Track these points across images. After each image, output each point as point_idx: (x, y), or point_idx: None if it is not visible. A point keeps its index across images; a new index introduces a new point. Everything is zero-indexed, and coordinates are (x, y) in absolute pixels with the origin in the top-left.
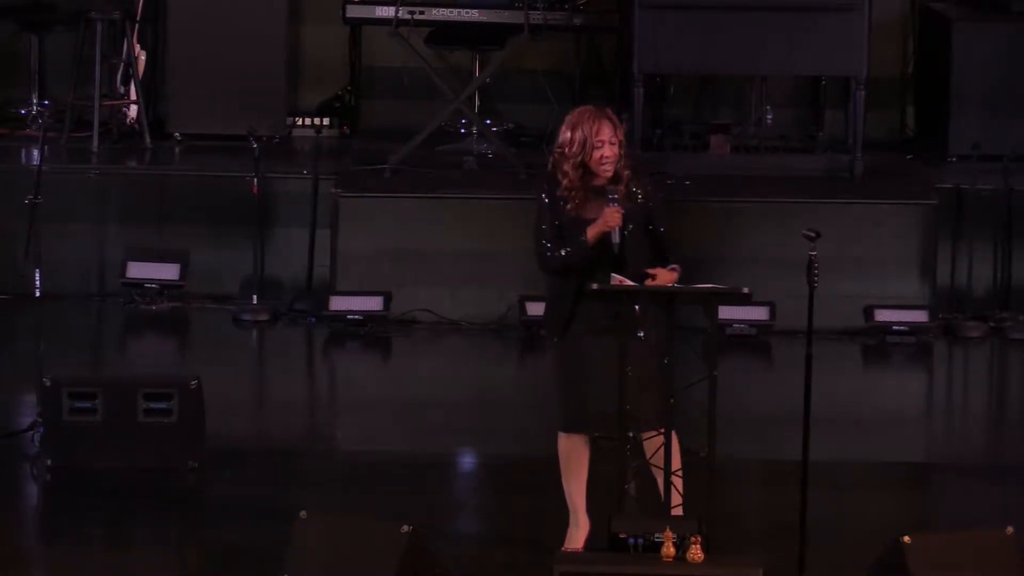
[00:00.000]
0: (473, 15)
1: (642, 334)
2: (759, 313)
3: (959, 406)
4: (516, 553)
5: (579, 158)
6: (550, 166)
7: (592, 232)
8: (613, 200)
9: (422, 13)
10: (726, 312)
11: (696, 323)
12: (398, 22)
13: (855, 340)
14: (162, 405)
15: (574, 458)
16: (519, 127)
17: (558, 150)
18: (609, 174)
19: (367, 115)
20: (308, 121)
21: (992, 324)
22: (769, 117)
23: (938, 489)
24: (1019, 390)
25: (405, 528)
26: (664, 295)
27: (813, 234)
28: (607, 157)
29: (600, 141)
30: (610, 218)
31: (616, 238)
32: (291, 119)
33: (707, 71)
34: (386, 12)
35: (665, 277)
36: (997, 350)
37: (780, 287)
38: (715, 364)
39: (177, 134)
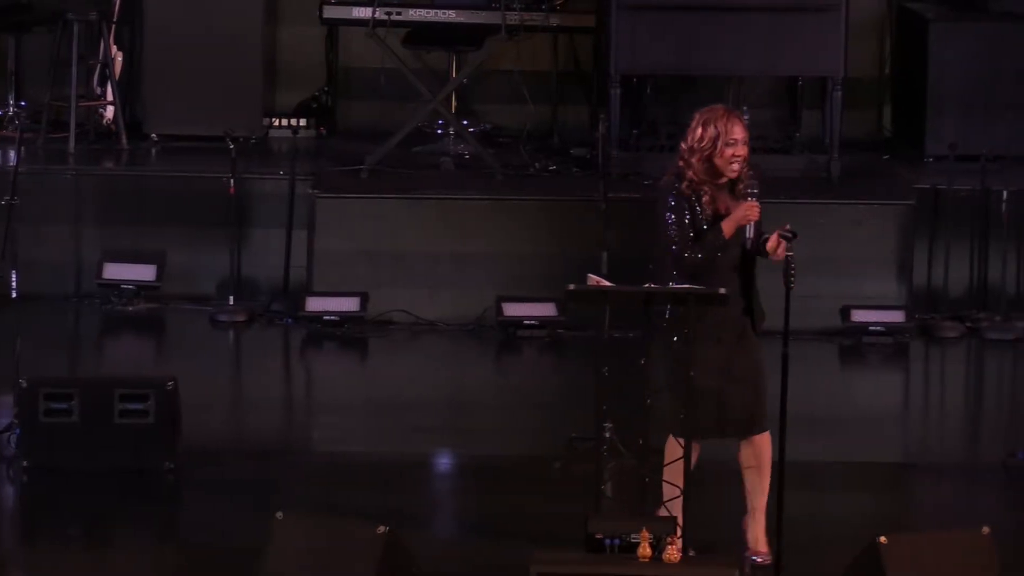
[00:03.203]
0: (450, 16)
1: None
2: None
3: (936, 406)
4: (493, 553)
5: (707, 153)
6: (680, 162)
7: (728, 226)
8: (753, 195)
9: (399, 14)
10: None
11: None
12: (375, 23)
13: (832, 340)
14: (138, 406)
15: (685, 463)
16: (496, 128)
17: (686, 147)
18: (736, 174)
19: (344, 116)
20: (285, 122)
21: (968, 324)
22: (746, 117)
23: (915, 489)
24: (995, 390)
25: (382, 529)
26: (641, 296)
27: (790, 235)
28: (738, 156)
29: (733, 139)
30: (751, 212)
31: (751, 233)
32: (268, 120)
33: (684, 71)
34: (363, 13)
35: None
36: (973, 350)
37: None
38: (693, 364)
39: (154, 135)
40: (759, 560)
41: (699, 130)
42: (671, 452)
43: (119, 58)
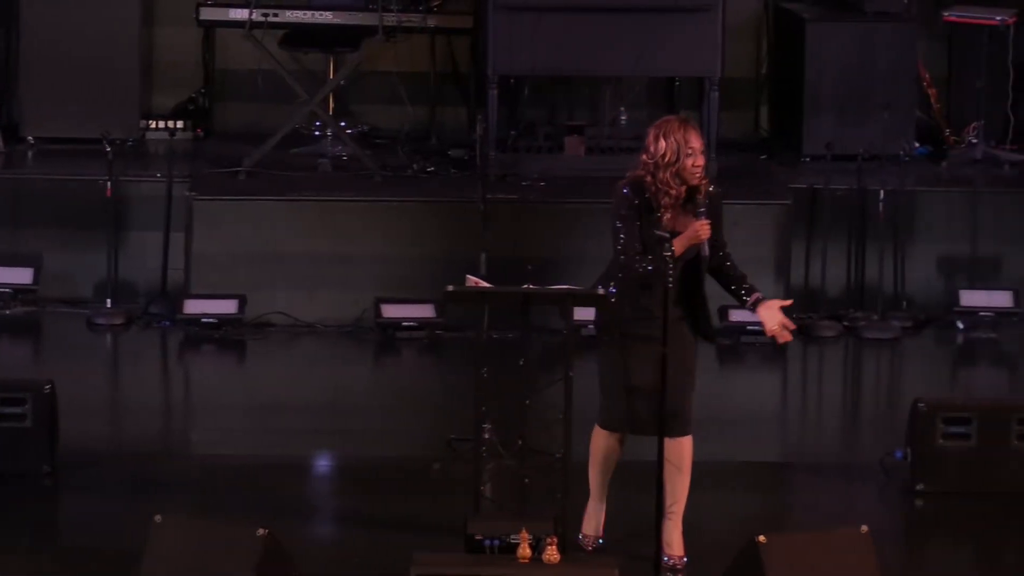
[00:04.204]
0: (327, 17)
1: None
2: None
3: (814, 406)
4: (372, 554)
5: (673, 168)
6: (641, 171)
7: (680, 244)
8: (702, 213)
9: (276, 15)
10: (582, 313)
11: (555, 324)
12: (252, 24)
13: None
14: (16, 409)
15: (609, 454)
16: (374, 129)
17: (651, 160)
18: (698, 181)
19: (221, 117)
20: (162, 124)
21: (846, 324)
22: (624, 118)
23: (793, 489)
24: (873, 390)
25: (261, 531)
26: (519, 297)
27: (667, 235)
28: (699, 165)
29: (692, 149)
30: (702, 231)
31: (705, 251)
32: (145, 122)
33: (561, 72)
34: (240, 14)
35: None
36: (851, 350)
37: None
38: (571, 365)
39: (30, 137)
40: (672, 563)
41: (660, 142)
42: (593, 443)
43: None
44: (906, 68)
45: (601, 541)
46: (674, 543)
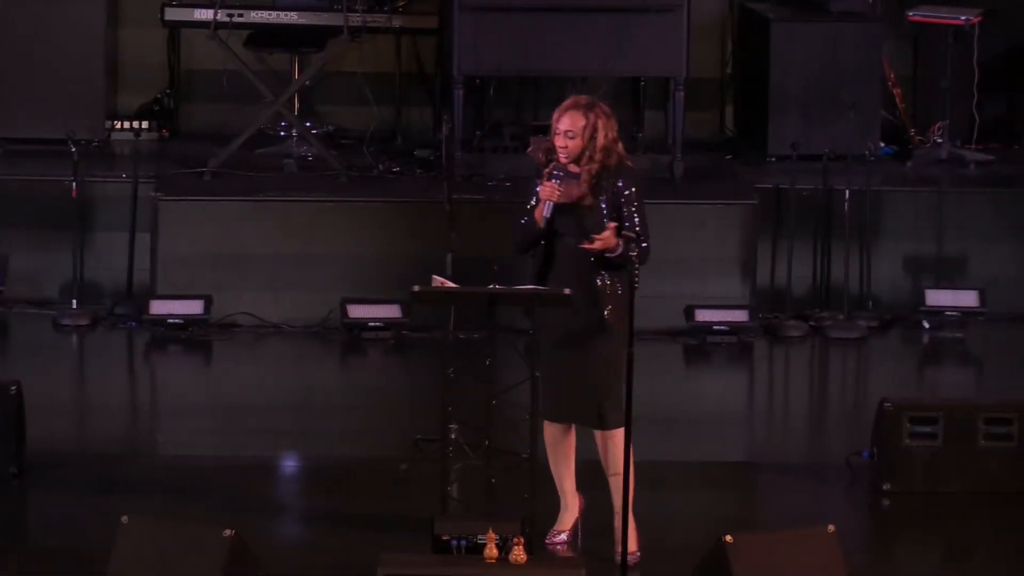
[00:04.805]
0: (292, 18)
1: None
2: None
3: (780, 405)
4: (339, 555)
5: (547, 144)
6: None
7: (537, 210)
8: (555, 176)
9: (241, 16)
10: None
11: (522, 324)
12: (217, 25)
13: (677, 340)
14: None
15: (558, 445)
16: (340, 129)
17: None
18: (565, 160)
19: (186, 118)
20: (127, 124)
21: (812, 323)
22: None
23: (760, 488)
24: (839, 389)
25: (228, 532)
26: (485, 296)
27: (633, 235)
28: (560, 147)
29: (557, 129)
30: (542, 190)
31: (547, 213)
32: (110, 122)
33: (527, 72)
34: (205, 15)
35: (607, 236)
36: (817, 349)
37: None
38: (537, 365)
39: None
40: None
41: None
42: (545, 435)
43: None
44: (871, 68)
45: (563, 536)
46: (620, 540)
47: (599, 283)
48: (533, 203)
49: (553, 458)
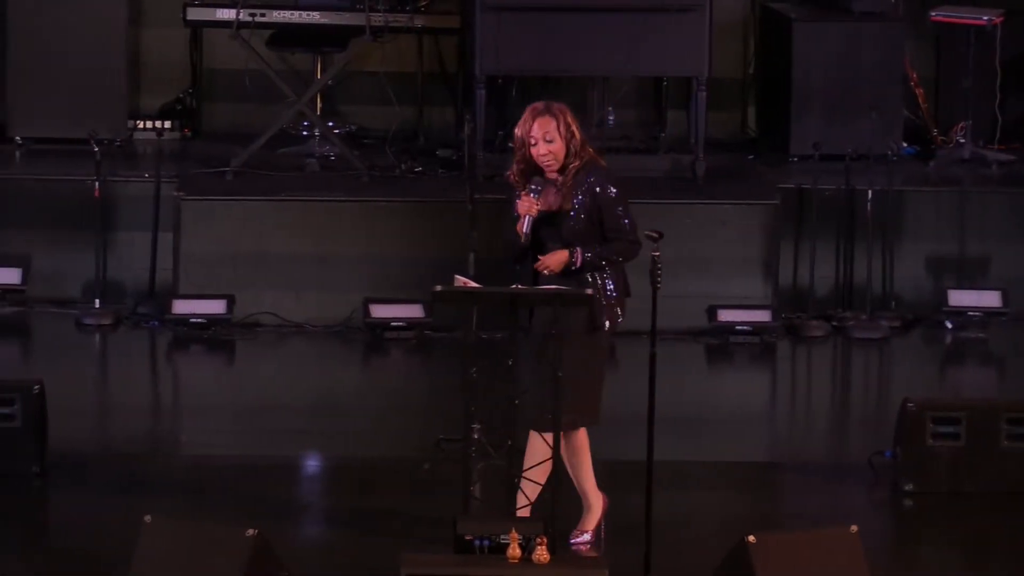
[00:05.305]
0: (314, 17)
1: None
2: None
3: (803, 406)
4: (362, 555)
5: (521, 153)
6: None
7: (518, 225)
8: (533, 190)
9: (263, 15)
10: None
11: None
12: (239, 24)
13: (699, 340)
14: (4, 410)
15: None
16: (362, 129)
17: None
18: (553, 168)
19: (209, 118)
20: (150, 124)
21: (834, 323)
22: (611, 118)
23: (783, 488)
24: (861, 389)
25: (250, 532)
26: (507, 297)
27: (656, 235)
28: (543, 155)
29: (533, 139)
30: (520, 205)
31: (527, 228)
32: (132, 122)
33: (549, 72)
34: (227, 14)
35: (551, 260)
36: (840, 349)
37: None
38: (559, 366)
39: (18, 138)
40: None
41: (516, 131)
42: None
43: None
44: (893, 68)
45: (586, 536)
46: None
47: (588, 280)
48: (515, 215)
49: (579, 459)
